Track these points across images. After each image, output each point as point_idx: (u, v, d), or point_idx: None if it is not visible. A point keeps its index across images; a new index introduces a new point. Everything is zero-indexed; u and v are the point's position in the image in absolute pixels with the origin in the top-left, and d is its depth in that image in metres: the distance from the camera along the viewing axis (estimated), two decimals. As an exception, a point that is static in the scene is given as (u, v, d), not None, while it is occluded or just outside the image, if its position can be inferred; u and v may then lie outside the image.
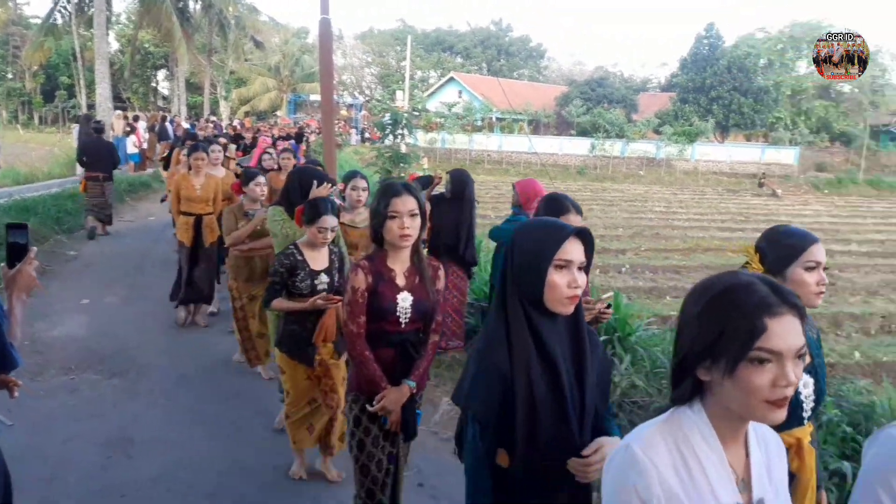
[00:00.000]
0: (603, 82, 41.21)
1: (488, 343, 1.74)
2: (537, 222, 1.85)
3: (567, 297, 1.68)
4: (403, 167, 12.18)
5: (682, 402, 1.31)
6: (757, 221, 19.25)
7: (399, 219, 2.57)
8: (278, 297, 3.60)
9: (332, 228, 3.56)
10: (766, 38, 38.52)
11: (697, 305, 1.28)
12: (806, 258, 2.05)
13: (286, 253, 3.58)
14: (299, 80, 44.33)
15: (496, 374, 1.68)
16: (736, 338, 1.19)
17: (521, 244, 1.75)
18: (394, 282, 2.68)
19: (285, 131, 21.38)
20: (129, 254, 9.98)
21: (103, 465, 4.06)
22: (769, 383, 1.18)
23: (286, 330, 3.68)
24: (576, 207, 2.99)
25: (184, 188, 6.68)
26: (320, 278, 3.61)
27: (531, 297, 1.69)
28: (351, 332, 2.70)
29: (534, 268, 1.68)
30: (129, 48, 32.81)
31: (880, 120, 37.69)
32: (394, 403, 2.68)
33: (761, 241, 2.14)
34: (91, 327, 6.65)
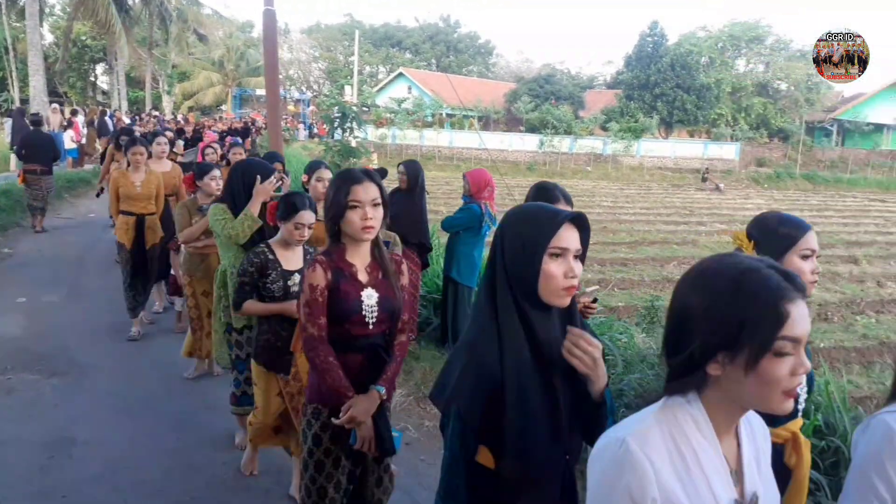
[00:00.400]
0: (550, 79, 41.67)
1: (477, 337, 1.60)
2: (529, 207, 1.68)
3: (563, 287, 1.55)
4: (354, 162, 12.05)
5: (677, 394, 1.23)
6: (701, 215, 19.76)
7: (361, 209, 2.33)
8: (249, 299, 3.33)
9: (309, 225, 3.30)
10: (707, 37, 39.55)
11: (705, 297, 1.17)
12: (802, 246, 2.00)
13: (256, 251, 3.33)
14: (244, 74, 43.48)
15: (485, 371, 1.55)
16: (760, 328, 1.11)
17: (512, 231, 1.61)
18: (356, 278, 2.42)
19: (232, 126, 20.92)
20: (69, 251, 9.63)
21: (43, 467, 3.90)
22: (789, 373, 1.13)
23: (260, 341, 3.41)
24: (565, 197, 2.75)
25: (122, 186, 6.14)
26: (293, 279, 3.34)
27: (524, 288, 1.56)
28: (311, 337, 2.41)
29: (527, 256, 1.55)
30: (64, 40, 31.63)
31: (815, 117, 39.13)
32: (363, 413, 2.37)
33: (754, 229, 2.08)
34: (28, 327, 6.38)
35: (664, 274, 12.11)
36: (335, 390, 2.40)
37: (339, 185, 2.38)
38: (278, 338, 3.34)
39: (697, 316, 1.17)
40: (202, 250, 5.01)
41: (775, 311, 1.11)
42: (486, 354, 1.56)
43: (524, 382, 1.53)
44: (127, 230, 6.20)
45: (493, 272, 1.62)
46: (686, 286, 1.23)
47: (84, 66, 44.08)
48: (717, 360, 1.16)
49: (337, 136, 13.47)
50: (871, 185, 32.50)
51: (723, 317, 1.14)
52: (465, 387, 1.57)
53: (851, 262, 13.93)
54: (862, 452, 1.47)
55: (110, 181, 6.38)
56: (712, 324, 1.15)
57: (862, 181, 32.89)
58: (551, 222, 1.57)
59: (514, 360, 1.53)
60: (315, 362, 2.43)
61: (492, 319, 1.58)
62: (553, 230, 1.55)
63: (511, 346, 1.54)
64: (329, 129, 12.86)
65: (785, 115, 38.23)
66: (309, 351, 2.43)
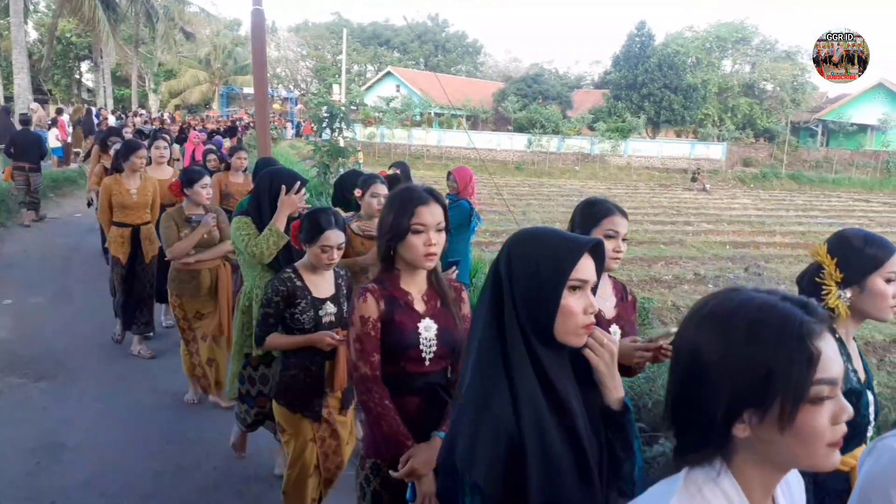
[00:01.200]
0: (538, 79, 41.74)
1: (485, 389, 1.37)
2: (543, 233, 1.46)
3: (583, 325, 1.39)
4: (342, 161, 12.02)
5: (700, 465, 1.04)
6: (688, 215, 19.85)
7: (425, 233, 2.07)
8: (274, 333, 2.93)
9: (338, 246, 2.88)
10: (693, 38, 39.78)
11: (719, 344, 1.00)
12: (888, 269, 1.91)
13: (282, 277, 2.91)
14: (232, 72, 43.30)
15: (501, 431, 1.32)
16: (792, 375, 0.95)
17: (524, 260, 1.40)
18: (412, 308, 2.14)
19: (222, 124, 20.64)
20: (55, 252, 9.54)
21: (30, 472, 3.87)
22: (830, 421, 0.97)
23: (285, 377, 2.98)
24: (619, 209, 2.46)
25: (116, 193, 5.54)
26: (325, 308, 2.95)
27: (538, 325, 1.37)
28: (365, 377, 2.10)
29: (545, 290, 1.36)
30: (49, 37, 31.31)
31: (801, 117, 39.43)
32: (425, 465, 2.01)
33: (837, 247, 1.97)
34: (15, 329, 6.32)
35: (651, 274, 12.16)
36: (392, 438, 2.08)
37: (401, 204, 2.10)
38: (308, 374, 2.94)
39: (713, 368, 1.00)
40: (193, 266, 4.56)
41: (806, 352, 0.95)
42: (500, 410, 1.33)
43: (545, 434, 1.32)
44: (122, 243, 5.62)
45: (497, 307, 1.40)
46: (693, 333, 1.05)
47: (69, 63, 43.70)
48: (744, 420, 0.98)
49: (325, 135, 13.43)
50: (856, 185, 32.79)
51: (745, 366, 0.97)
52: (480, 455, 1.33)
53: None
54: (865, 478, 1.40)
55: (102, 188, 5.73)
56: (733, 376, 0.98)
57: (846, 181, 33.19)
58: (572, 251, 1.39)
59: (530, 412, 1.32)
60: (369, 406, 2.10)
61: (500, 366, 1.36)
62: (575, 260, 1.37)
63: (526, 396, 1.33)
64: (317, 129, 12.80)
65: (771, 116, 38.52)
66: (362, 394, 2.12)
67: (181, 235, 4.47)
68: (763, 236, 16.29)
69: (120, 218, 5.62)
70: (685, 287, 10.90)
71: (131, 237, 5.65)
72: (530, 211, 18.67)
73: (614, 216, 2.39)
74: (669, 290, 10.62)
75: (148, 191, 5.71)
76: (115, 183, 5.59)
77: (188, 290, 4.59)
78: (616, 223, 2.37)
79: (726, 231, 16.85)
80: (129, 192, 5.59)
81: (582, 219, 2.43)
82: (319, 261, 2.88)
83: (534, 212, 18.73)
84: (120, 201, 5.57)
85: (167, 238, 4.49)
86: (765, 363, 0.96)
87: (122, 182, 5.60)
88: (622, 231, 2.38)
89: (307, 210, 3.14)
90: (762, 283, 12.12)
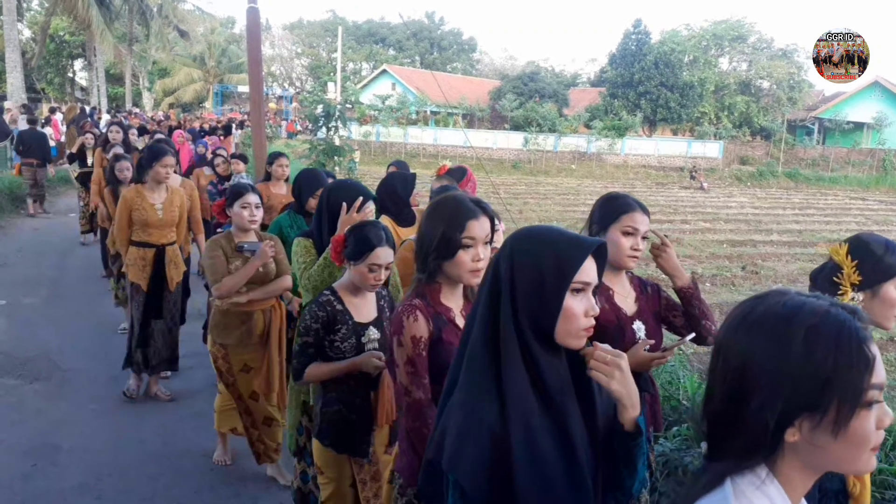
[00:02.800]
0: (535, 77, 41.69)
1: (474, 389, 1.34)
2: (547, 232, 1.41)
3: (584, 328, 1.36)
4: (338, 160, 12.00)
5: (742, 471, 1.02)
6: (685, 213, 19.86)
7: (474, 248, 1.96)
8: (313, 363, 2.60)
9: (387, 265, 2.57)
10: (690, 35, 39.78)
11: (776, 351, 0.98)
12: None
13: (321, 301, 2.58)
14: (226, 70, 43.15)
15: (487, 431, 1.30)
16: (852, 380, 0.94)
17: (526, 259, 1.35)
18: (455, 324, 2.03)
19: (218, 123, 20.49)
20: (49, 251, 9.48)
21: (26, 475, 3.83)
22: (875, 426, 0.98)
23: (326, 414, 2.64)
24: (640, 206, 2.35)
25: (138, 209, 4.61)
26: (368, 334, 2.63)
27: (537, 327, 1.34)
28: (418, 402, 1.94)
29: (548, 291, 1.32)
30: (41, 35, 31.13)
31: (797, 115, 39.47)
32: None
33: (858, 250, 1.96)
34: (9, 330, 6.27)
35: (648, 272, 12.14)
36: None
37: (448, 216, 1.98)
38: (351, 409, 2.62)
39: (768, 375, 0.98)
40: (243, 307, 3.61)
41: (864, 357, 0.95)
42: (487, 411, 1.31)
43: (534, 437, 1.30)
44: (144, 267, 4.69)
45: (494, 305, 1.36)
46: (743, 339, 1.02)
47: (62, 61, 43.49)
48: (795, 425, 0.98)
49: (321, 134, 13.41)
50: (852, 183, 32.86)
51: (804, 372, 0.96)
52: (465, 455, 1.31)
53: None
54: None
55: (120, 202, 4.72)
56: (791, 382, 0.96)
57: (843, 179, 33.25)
58: (576, 251, 1.34)
59: (519, 413, 1.30)
60: (424, 434, 1.91)
61: (490, 366, 1.33)
62: (579, 262, 1.33)
63: (515, 397, 1.31)
64: (314, 127, 12.78)
65: (767, 114, 38.55)
66: (416, 420, 1.96)
67: (230, 269, 3.53)
68: (760, 235, 16.31)
69: (141, 237, 4.68)
70: (683, 285, 10.90)
71: (154, 260, 4.71)
72: (527, 210, 18.65)
73: (634, 213, 2.31)
74: (667, 289, 10.60)
75: (175, 205, 4.79)
76: (137, 196, 4.65)
77: (236, 336, 3.64)
78: (636, 220, 2.29)
79: (723, 229, 16.86)
80: (154, 208, 4.66)
81: (601, 214, 2.37)
82: (365, 281, 2.56)
83: (531, 210, 18.72)
84: (142, 218, 4.63)
85: (214, 271, 3.52)
86: (824, 369, 0.95)
87: (145, 195, 4.67)
88: (642, 228, 2.30)
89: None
90: (759, 281, 12.13)
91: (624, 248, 2.29)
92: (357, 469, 2.69)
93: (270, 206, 5.35)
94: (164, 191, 4.73)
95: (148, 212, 4.62)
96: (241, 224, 3.59)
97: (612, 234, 2.31)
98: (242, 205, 3.57)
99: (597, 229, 2.37)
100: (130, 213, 4.63)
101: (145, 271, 4.68)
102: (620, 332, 2.29)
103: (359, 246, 2.52)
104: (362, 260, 2.52)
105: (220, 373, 3.71)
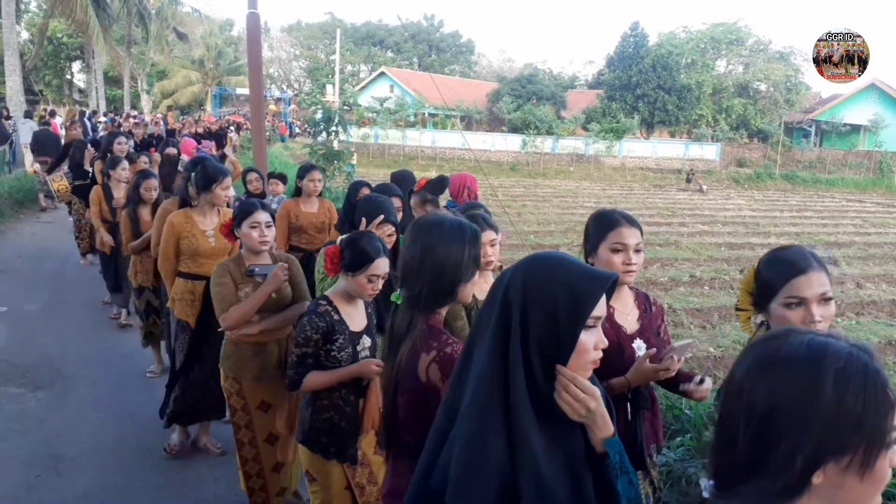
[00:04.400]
0: (533, 79, 41.75)
1: (482, 421, 1.31)
2: (560, 264, 1.36)
3: (593, 361, 1.36)
4: (338, 165, 12.02)
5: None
6: (683, 216, 19.90)
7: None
8: (312, 372, 2.60)
9: (383, 276, 2.63)
10: (688, 38, 39.87)
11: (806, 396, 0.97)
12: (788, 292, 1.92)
13: (319, 312, 2.58)
14: (224, 73, 43.15)
15: (494, 466, 1.27)
16: (878, 425, 0.95)
17: (541, 294, 1.32)
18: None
19: (218, 126, 20.30)
20: (49, 256, 9.47)
21: (30, 485, 3.83)
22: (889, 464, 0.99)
23: (316, 421, 2.67)
24: (628, 219, 2.37)
25: (187, 236, 4.01)
26: (362, 342, 2.69)
27: (548, 361, 1.31)
28: None
29: (563, 328, 1.30)
30: (39, 37, 31.06)
31: (794, 118, 39.58)
32: None
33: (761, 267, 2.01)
34: (10, 337, 6.26)
35: (647, 276, 12.17)
36: None
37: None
38: (342, 416, 2.68)
39: (799, 419, 0.97)
40: (256, 338, 3.27)
41: (888, 400, 0.96)
42: (495, 446, 1.28)
43: (541, 478, 1.27)
44: (193, 302, 4.07)
45: (503, 337, 1.32)
46: (769, 382, 1.01)
47: (60, 63, 43.48)
48: (822, 468, 0.98)
49: (320, 138, 13.42)
50: (849, 185, 32.96)
51: (834, 416, 0.95)
52: (470, 488, 1.29)
53: (831, 263, 14.11)
54: None
55: (166, 228, 4.06)
56: (824, 426, 0.96)
57: (840, 181, 33.35)
58: (592, 288, 1.32)
59: (528, 451, 1.27)
60: None
61: (500, 399, 1.30)
62: (595, 298, 1.31)
63: (524, 433, 1.28)
64: (314, 131, 12.80)
65: (765, 116, 38.65)
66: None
67: (240, 296, 3.22)
68: (758, 237, 16.35)
69: (190, 268, 4.08)
70: (681, 289, 10.92)
71: (205, 293, 3.91)
72: (525, 212, 18.68)
73: (620, 228, 2.30)
74: (666, 293, 10.62)
75: None
76: (187, 222, 4.04)
77: (250, 370, 3.29)
78: (623, 235, 2.28)
79: (721, 232, 16.91)
80: (205, 235, 4.04)
81: (593, 231, 2.38)
82: (363, 291, 2.60)
83: (529, 213, 18.75)
84: (192, 246, 4.02)
85: (221, 299, 3.20)
86: (854, 412, 0.95)
87: (195, 220, 4.05)
88: (631, 243, 2.28)
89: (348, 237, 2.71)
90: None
91: (616, 265, 2.27)
92: (351, 474, 2.74)
93: (300, 226, 4.98)
94: (215, 215, 4.12)
95: (199, 239, 4.02)
96: (252, 246, 3.25)
97: (601, 252, 2.31)
98: (251, 224, 3.22)
99: (589, 248, 2.37)
100: (178, 241, 4.03)
101: (194, 307, 4.06)
102: (619, 350, 2.27)
103: (358, 257, 2.56)
104: (362, 271, 2.56)
105: (233, 411, 3.36)
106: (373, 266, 2.56)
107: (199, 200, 4.02)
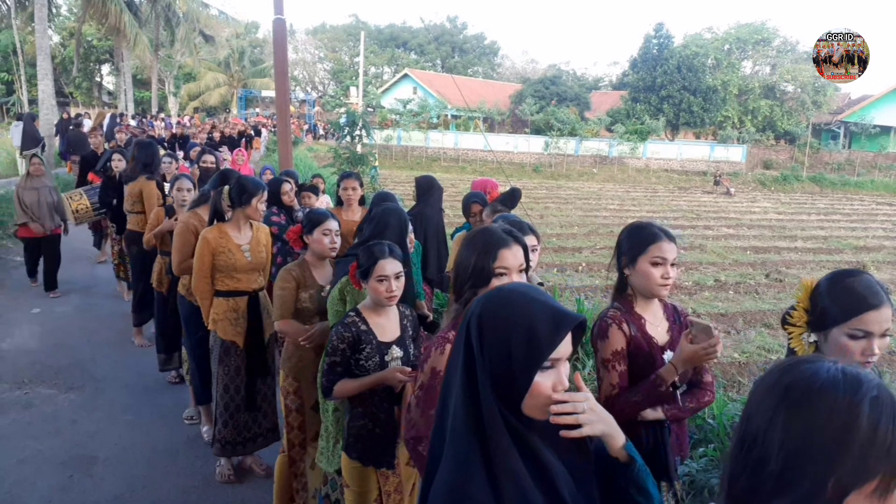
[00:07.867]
0: (556, 80, 41.64)
1: (460, 468, 1.25)
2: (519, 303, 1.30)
3: (549, 404, 1.28)
4: (362, 169, 12.10)
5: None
6: (708, 218, 19.71)
7: (508, 277, 2.04)
8: (341, 380, 2.70)
9: (395, 275, 2.67)
10: (713, 39, 39.52)
11: (836, 428, 1.00)
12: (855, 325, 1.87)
13: (346, 323, 2.69)
14: (250, 75, 43.64)
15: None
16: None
17: (496, 334, 1.28)
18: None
19: (236, 130, 20.35)
20: (79, 258, 9.67)
21: (64, 486, 3.93)
22: None
23: (353, 428, 2.77)
24: (667, 234, 2.36)
25: (223, 252, 3.85)
26: (391, 352, 2.73)
27: (506, 400, 1.27)
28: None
29: (517, 370, 1.26)
30: (73, 42, 31.65)
31: (822, 119, 39.05)
32: None
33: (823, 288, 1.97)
34: (43, 339, 6.42)
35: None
36: None
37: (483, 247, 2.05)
38: (376, 422, 2.75)
39: (836, 446, 0.99)
40: (318, 340, 3.31)
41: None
42: (478, 494, 1.22)
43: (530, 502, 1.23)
44: (237, 320, 3.93)
45: (471, 375, 1.29)
46: (808, 409, 1.03)
47: (90, 66, 44.22)
48: (849, 497, 1.00)
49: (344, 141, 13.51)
50: (879, 187, 32.40)
51: (871, 445, 0.98)
52: None
53: (859, 268, 13.88)
54: None
55: (199, 243, 3.88)
56: (859, 453, 0.98)
57: (869, 184, 32.81)
58: (551, 332, 1.25)
59: (513, 490, 1.22)
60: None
61: (474, 441, 1.25)
62: (554, 343, 1.25)
63: (506, 471, 1.23)
64: (340, 135, 12.89)
65: (791, 118, 38.15)
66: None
67: (302, 297, 3.38)
68: (784, 241, 16.14)
69: (228, 285, 3.92)
70: (706, 293, 10.82)
71: (248, 308, 3.95)
72: (547, 214, 18.64)
73: (661, 242, 2.32)
74: (690, 297, 10.54)
75: (262, 244, 4.04)
76: (221, 237, 3.87)
77: (309, 372, 3.36)
78: (663, 249, 2.31)
79: (747, 235, 16.71)
80: (241, 249, 3.91)
81: (629, 245, 2.39)
82: (378, 295, 2.66)
83: (551, 215, 18.71)
84: (228, 262, 3.87)
85: (282, 303, 3.32)
86: (886, 439, 0.98)
87: (230, 235, 3.90)
88: (670, 257, 2.31)
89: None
90: (784, 289, 12.02)
91: (654, 278, 2.31)
92: (383, 481, 2.81)
93: (342, 235, 4.66)
94: (249, 229, 3.99)
95: (235, 254, 3.87)
96: (321, 251, 3.39)
97: (641, 265, 2.34)
98: (324, 231, 3.38)
99: (626, 261, 2.40)
100: (213, 257, 3.85)
101: (239, 325, 3.92)
102: (651, 361, 2.31)
103: (365, 263, 2.67)
104: (371, 275, 2.65)
105: (288, 411, 3.41)
106: (377, 267, 2.64)
107: (234, 214, 3.91)
